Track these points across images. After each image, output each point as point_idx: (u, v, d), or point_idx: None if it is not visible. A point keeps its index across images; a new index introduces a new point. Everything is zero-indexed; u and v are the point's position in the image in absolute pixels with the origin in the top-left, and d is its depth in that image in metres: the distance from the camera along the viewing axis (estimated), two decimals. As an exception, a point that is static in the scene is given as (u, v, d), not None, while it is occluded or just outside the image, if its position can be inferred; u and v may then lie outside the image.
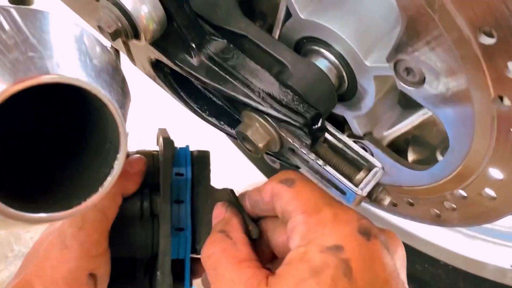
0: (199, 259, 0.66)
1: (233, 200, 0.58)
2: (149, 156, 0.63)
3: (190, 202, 0.62)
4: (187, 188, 0.63)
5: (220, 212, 0.55)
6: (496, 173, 0.53)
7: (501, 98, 0.44)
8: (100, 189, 0.42)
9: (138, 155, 0.62)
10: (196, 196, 0.63)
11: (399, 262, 0.45)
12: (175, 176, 0.62)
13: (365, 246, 0.42)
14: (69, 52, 0.41)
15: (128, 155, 0.63)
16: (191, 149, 0.67)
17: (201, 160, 0.66)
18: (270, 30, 0.66)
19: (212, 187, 0.65)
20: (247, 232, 0.52)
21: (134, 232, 0.60)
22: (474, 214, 0.62)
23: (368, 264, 0.41)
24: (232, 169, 1.47)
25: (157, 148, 0.67)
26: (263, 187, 0.52)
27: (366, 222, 0.44)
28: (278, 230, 0.53)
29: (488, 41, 0.40)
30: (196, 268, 0.65)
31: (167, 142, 0.61)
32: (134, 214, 0.60)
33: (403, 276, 0.45)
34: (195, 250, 0.64)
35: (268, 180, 0.52)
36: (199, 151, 0.67)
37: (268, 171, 1.29)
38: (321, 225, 0.43)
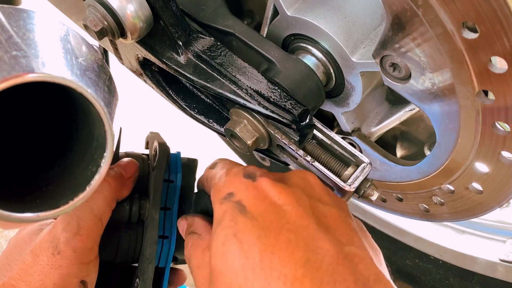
0: (176, 269, 0.65)
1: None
2: (139, 159, 0.62)
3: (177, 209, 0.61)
4: (175, 196, 0.61)
5: (183, 223, 0.58)
6: (482, 167, 0.53)
7: (485, 93, 0.45)
8: (87, 188, 0.42)
9: (131, 159, 0.61)
10: (182, 204, 0.62)
11: (301, 187, 0.49)
12: (164, 182, 0.61)
13: (252, 186, 0.48)
14: (54, 51, 0.41)
15: (118, 157, 0.62)
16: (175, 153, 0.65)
17: (188, 168, 0.65)
18: (258, 28, 0.66)
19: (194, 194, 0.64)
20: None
21: (117, 237, 0.58)
22: (462, 208, 0.63)
23: (260, 198, 0.47)
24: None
25: (144, 151, 0.66)
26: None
27: (250, 169, 0.51)
28: None
29: (471, 35, 0.40)
30: (173, 278, 0.64)
31: (163, 148, 0.59)
32: (121, 219, 0.58)
33: (315, 193, 0.49)
34: (175, 259, 0.62)
35: None
36: (188, 159, 0.66)
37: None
38: (217, 185, 0.51)
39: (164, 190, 0.61)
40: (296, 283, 0.40)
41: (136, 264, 0.60)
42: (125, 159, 0.61)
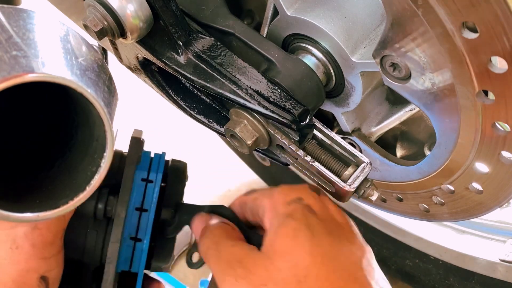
0: (152, 278, 0.62)
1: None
2: (116, 155, 0.59)
3: (155, 212, 0.58)
4: (153, 197, 0.58)
5: (205, 218, 0.59)
6: (482, 167, 0.53)
7: (485, 93, 0.45)
8: (87, 188, 0.42)
9: None
10: (163, 208, 0.59)
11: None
12: (141, 181, 0.58)
13: (318, 198, 0.54)
14: (54, 51, 0.41)
15: None
16: (175, 157, 0.63)
17: (175, 171, 0.62)
18: (258, 28, 0.66)
19: (184, 203, 0.61)
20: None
21: (84, 234, 0.55)
22: (462, 208, 0.63)
23: (324, 210, 0.53)
24: (224, 169, 1.47)
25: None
26: (232, 203, 0.62)
27: (314, 185, 0.55)
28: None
29: (471, 35, 0.40)
30: (147, 286, 0.61)
31: (135, 141, 0.56)
32: (87, 214, 0.55)
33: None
34: (149, 265, 0.59)
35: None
36: (174, 160, 0.63)
37: (260, 169, 1.29)
38: (281, 193, 0.54)
39: (141, 190, 0.58)
40: (357, 282, 0.47)
41: None
42: None
